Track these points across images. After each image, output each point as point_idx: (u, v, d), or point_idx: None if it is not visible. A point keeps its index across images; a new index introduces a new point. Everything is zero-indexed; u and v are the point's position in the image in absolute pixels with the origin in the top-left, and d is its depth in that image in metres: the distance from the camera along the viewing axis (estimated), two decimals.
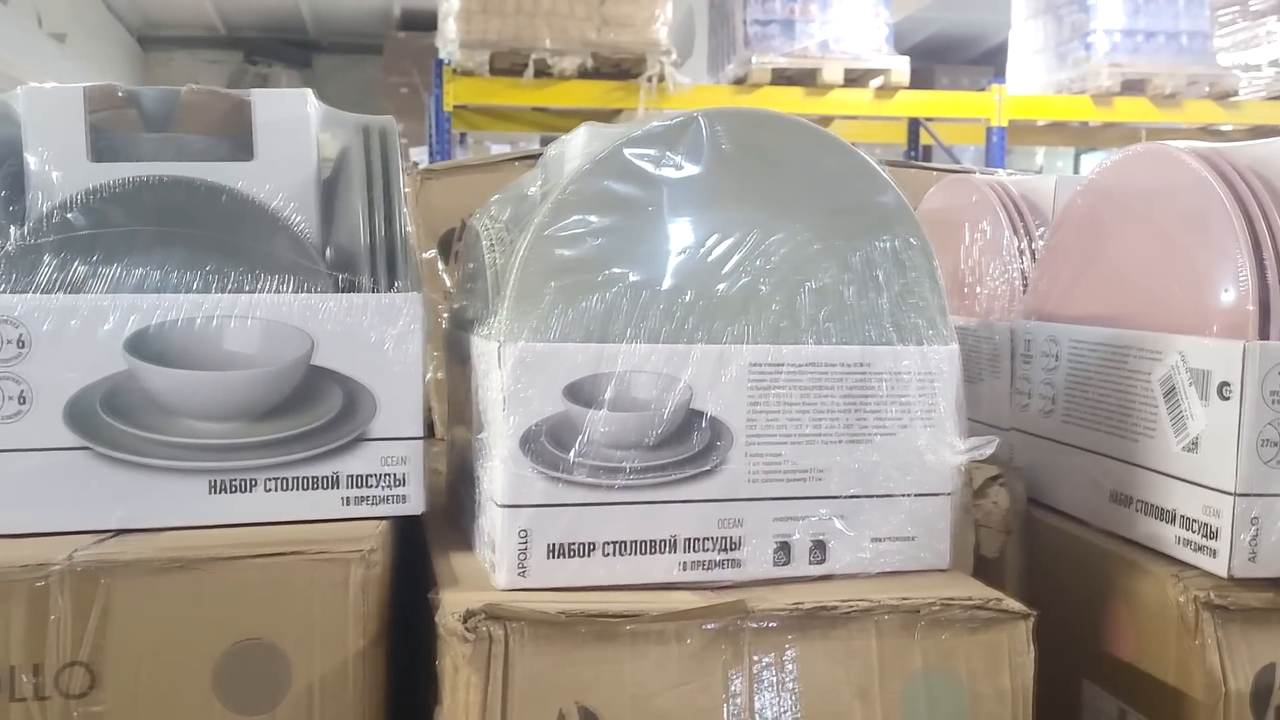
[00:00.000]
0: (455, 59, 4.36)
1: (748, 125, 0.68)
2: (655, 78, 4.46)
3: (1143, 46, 4.79)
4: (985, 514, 0.87)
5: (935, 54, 8.18)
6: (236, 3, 7.42)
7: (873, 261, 0.69)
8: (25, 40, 5.99)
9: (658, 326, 0.65)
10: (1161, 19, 4.79)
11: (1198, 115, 4.84)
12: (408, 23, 7.38)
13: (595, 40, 4.37)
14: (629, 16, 4.44)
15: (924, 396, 0.70)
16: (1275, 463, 0.67)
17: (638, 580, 0.65)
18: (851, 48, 4.68)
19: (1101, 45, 4.74)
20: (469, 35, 4.30)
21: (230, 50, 8.20)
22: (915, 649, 0.63)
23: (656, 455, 0.65)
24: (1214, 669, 0.67)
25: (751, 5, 4.71)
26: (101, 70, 7.12)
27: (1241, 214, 0.70)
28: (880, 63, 4.66)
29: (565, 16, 4.40)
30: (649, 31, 4.43)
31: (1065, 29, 4.99)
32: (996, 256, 0.99)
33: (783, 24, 4.75)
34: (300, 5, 7.43)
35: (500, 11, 4.33)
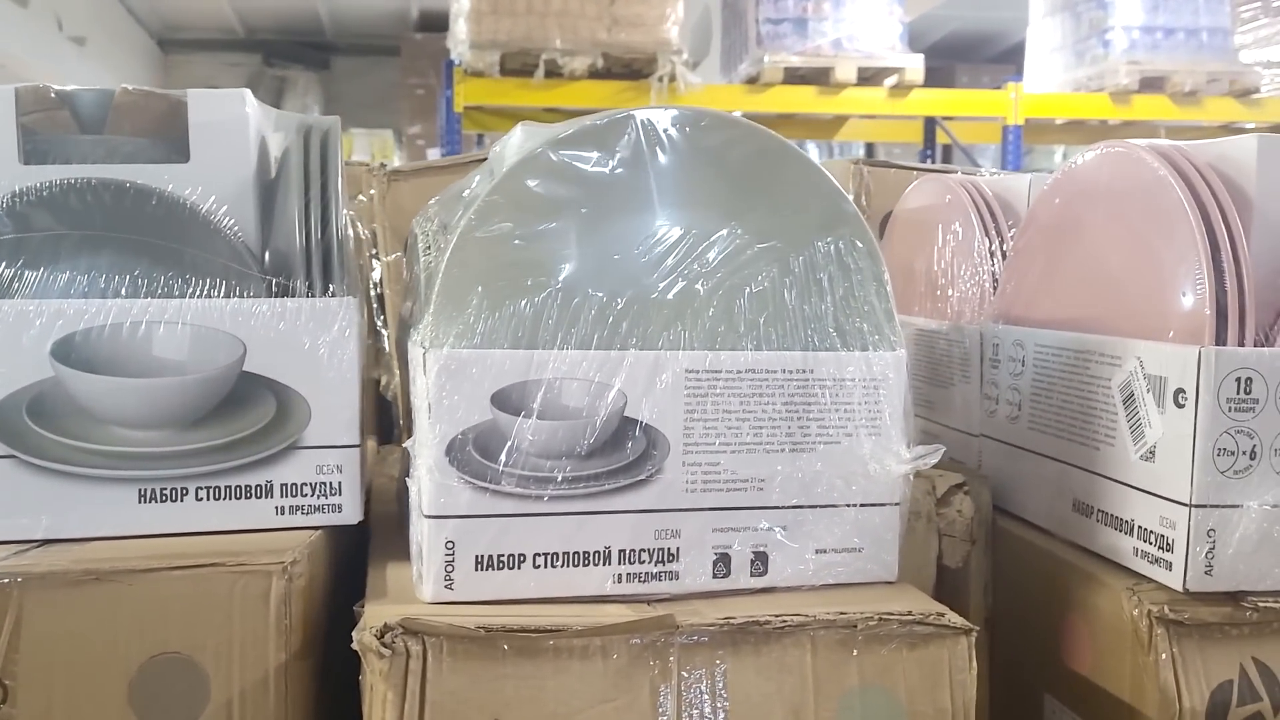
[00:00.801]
0: (465, 60, 4.36)
1: (684, 124, 0.66)
2: (666, 77, 4.44)
3: (1162, 44, 4.73)
4: (949, 523, 0.85)
5: (956, 52, 8.12)
6: (255, 5, 7.46)
7: (815, 265, 0.67)
8: (45, 44, 6.04)
9: (590, 332, 0.64)
10: (1181, 16, 4.74)
11: (1218, 113, 4.78)
12: (425, 24, 7.40)
13: (606, 40, 4.36)
14: (640, 16, 4.43)
15: (869, 404, 0.68)
16: (1233, 473, 0.65)
17: (570, 593, 0.64)
18: (865, 46, 4.65)
19: (1120, 42, 4.69)
20: (479, 36, 4.29)
21: (249, 53, 8.24)
22: (852, 665, 0.61)
23: (589, 464, 0.64)
24: (1168, 685, 0.65)
25: (764, 4, 4.69)
26: (121, 73, 7.17)
27: (1200, 215, 0.67)
28: (894, 61, 4.62)
29: (576, 16, 4.39)
30: (660, 31, 4.41)
31: (1083, 26, 4.93)
32: (968, 258, 0.97)
33: (795, 22, 4.73)
34: (319, 7, 7.46)
35: (510, 12, 4.33)
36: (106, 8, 6.98)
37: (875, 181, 1.18)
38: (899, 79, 4.65)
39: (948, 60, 8.10)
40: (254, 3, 7.39)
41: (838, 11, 4.67)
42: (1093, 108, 4.81)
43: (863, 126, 5.55)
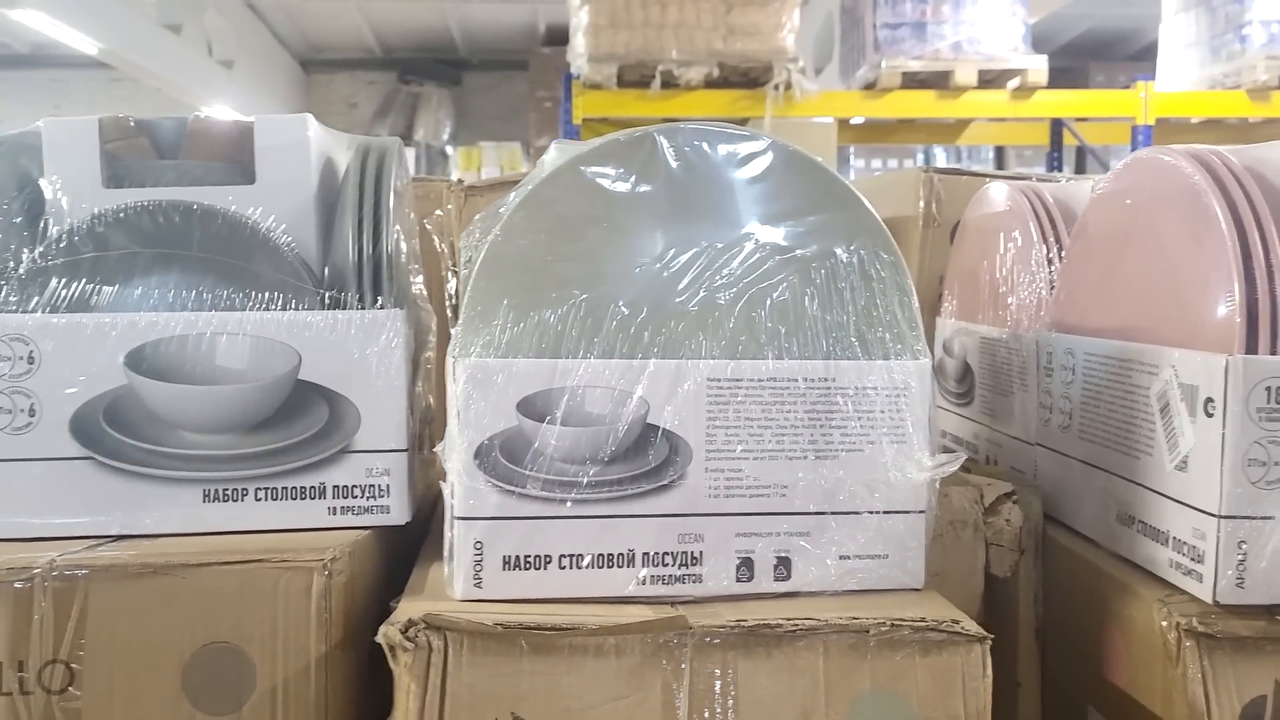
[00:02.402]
0: (584, 73, 4.44)
1: (705, 139, 0.68)
2: (782, 85, 4.44)
3: None
4: (996, 532, 0.84)
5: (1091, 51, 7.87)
6: (392, 25, 7.75)
7: (837, 275, 0.69)
8: (196, 68, 6.41)
9: (613, 341, 0.66)
10: None
11: None
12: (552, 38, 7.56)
13: (722, 50, 4.39)
14: (755, 25, 4.44)
15: (891, 412, 0.68)
16: (1265, 484, 0.64)
17: (596, 593, 0.67)
18: (986, 48, 4.55)
19: (1258, 37, 4.48)
20: (597, 49, 4.37)
21: (386, 70, 8.56)
22: (864, 670, 0.62)
23: (613, 470, 0.66)
24: (1197, 700, 0.64)
25: (881, 8, 4.65)
26: (267, 93, 7.55)
27: (1232, 221, 0.66)
28: (1016, 62, 4.52)
29: (692, 27, 4.42)
30: (775, 39, 4.41)
31: (1219, 21, 4.73)
32: (1026, 265, 0.96)
33: (913, 26, 4.67)
34: (451, 25, 7.70)
35: (628, 25, 4.39)
36: (253, 32, 7.35)
37: (946, 190, 1.18)
38: (1021, 81, 4.54)
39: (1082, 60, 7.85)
40: (390, 23, 7.68)
41: (957, 14, 4.59)
42: (1228, 105, 4.60)
43: (986, 130, 5.44)
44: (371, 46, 8.17)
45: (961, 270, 1.11)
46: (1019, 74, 4.50)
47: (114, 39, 5.26)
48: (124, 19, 5.36)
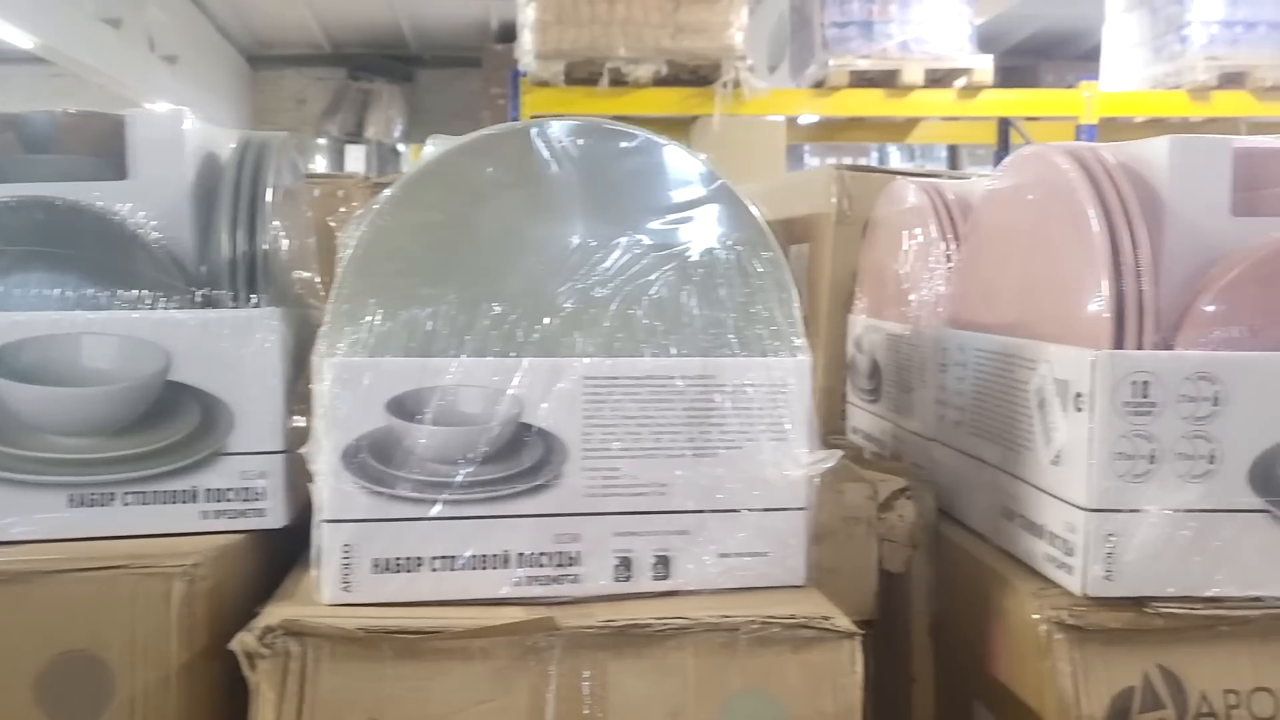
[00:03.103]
0: (532, 70, 4.42)
1: (581, 135, 0.68)
2: (731, 83, 4.45)
3: (1242, 38, 4.58)
4: (890, 528, 0.84)
5: (1041, 51, 7.95)
6: (341, 21, 7.67)
7: (715, 272, 0.68)
8: (138, 63, 6.30)
9: (486, 339, 0.65)
10: (1262, 8, 4.57)
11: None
12: (505, 35, 7.52)
13: (670, 47, 4.38)
14: (704, 23, 4.44)
15: (770, 410, 0.68)
16: (1132, 477, 0.64)
17: (470, 596, 0.66)
18: (933, 48, 4.59)
19: (1198, 38, 4.55)
20: (544, 46, 4.35)
21: (335, 67, 8.47)
22: (734, 668, 0.62)
23: (486, 470, 0.65)
24: (1066, 692, 0.64)
25: (829, 7, 4.67)
26: (212, 89, 7.45)
27: (1104, 218, 0.66)
28: (963, 62, 4.56)
29: (640, 24, 4.41)
30: (724, 37, 4.41)
31: (1160, 22, 4.80)
32: (926, 263, 0.96)
33: (861, 25, 4.69)
34: (402, 22, 7.64)
35: (575, 22, 4.38)
36: (196, 27, 7.25)
37: (857, 187, 1.18)
38: (968, 80, 4.59)
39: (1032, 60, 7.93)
40: (339, 18, 7.60)
41: (904, 13, 4.63)
42: (1169, 105, 4.67)
43: (935, 129, 5.48)
44: (320, 42, 8.09)
45: (871, 268, 1.12)
46: (965, 73, 4.55)
47: (51, 33, 5.17)
48: (61, 13, 5.27)
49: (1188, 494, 0.64)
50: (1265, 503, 0.64)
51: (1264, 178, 0.69)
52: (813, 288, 1.23)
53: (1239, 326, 0.64)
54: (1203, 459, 0.64)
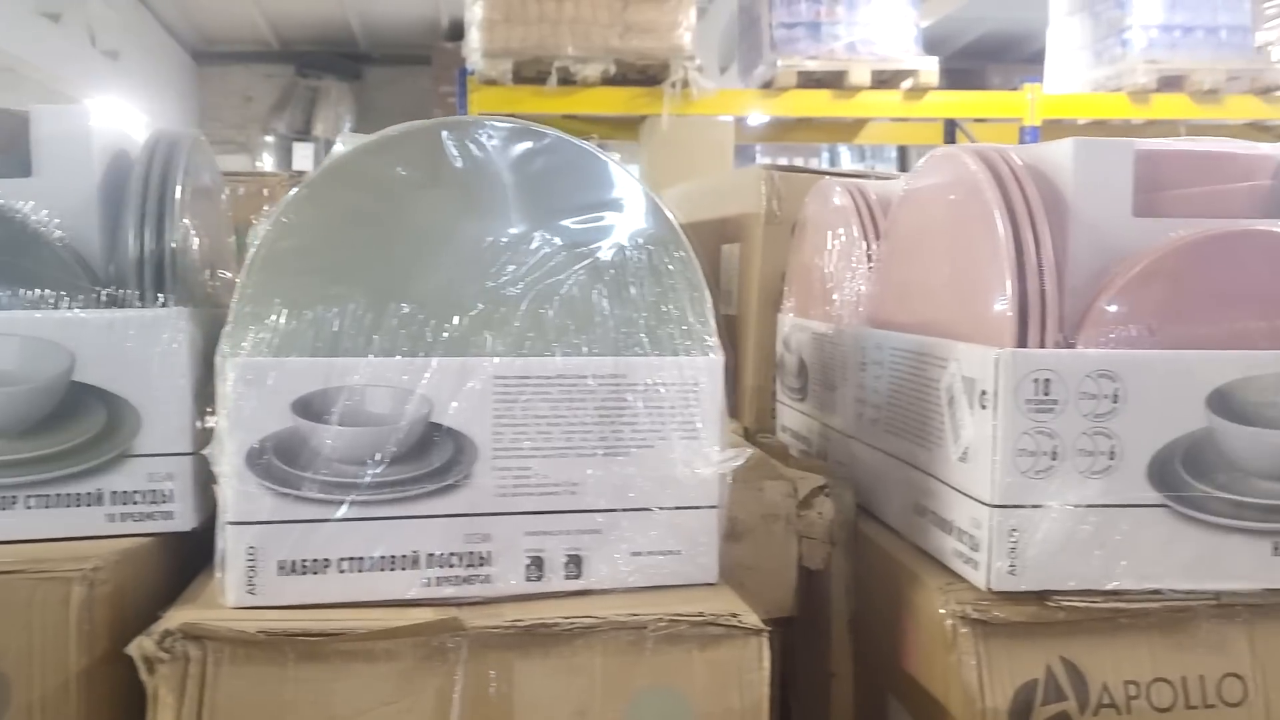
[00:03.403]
0: (479, 69, 4.40)
1: (491, 134, 0.68)
2: (679, 83, 4.45)
3: (1180, 42, 4.66)
4: (809, 525, 0.85)
5: (988, 53, 8.04)
6: (288, 17, 7.58)
7: (626, 271, 0.68)
8: (78, 58, 6.18)
9: (394, 339, 0.65)
10: (1200, 13, 4.66)
11: (1239, 111, 4.70)
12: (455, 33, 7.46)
13: (618, 47, 4.38)
14: (652, 22, 4.44)
15: (682, 408, 0.68)
16: (1034, 473, 0.65)
17: (378, 597, 0.65)
18: (880, 49, 4.62)
19: (1138, 41, 4.63)
20: (492, 44, 4.33)
21: (283, 64, 8.37)
22: (641, 667, 0.62)
23: (395, 470, 0.65)
24: (971, 685, 0.65)
25: (777, 8, 4.69)
26: (157, 85, 7.33)
27: (1008, 217, 0.67)
28: (909, 63, 4.59)
29: (588, 24, 4.41)
30: (672, 37, 4.42)
31: (1102, 26, 4.88)
32: (848, 263, 0.97)
33: (808, 26, 4.72)
34: (351, 19, 7.56)
35: (523, 20, 4.36)
36: (139, 21, 7.12)
37: (786, 187, 1.19)
38: (914, 81, 4.63)
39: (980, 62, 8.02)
40: (287, 15, 7.51)
41: (851, 15, 4.66)
42: (1111, 108, 4.75)
43: (883, 130, 5.53)
44: (267, 39, 7.99)
45: (798, 267, 1.12)
46: (911, 75, 4.59)
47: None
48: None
49: (1089, 489, 0.65)
50: (1163, 497, 0.66)
51: (1165, 179, 0.70)
52: (743, 287, 1.24)
53: (1138, 325, 0.66)
54: (1103, 455, 0.65)
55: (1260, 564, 0.66)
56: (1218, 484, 0.65)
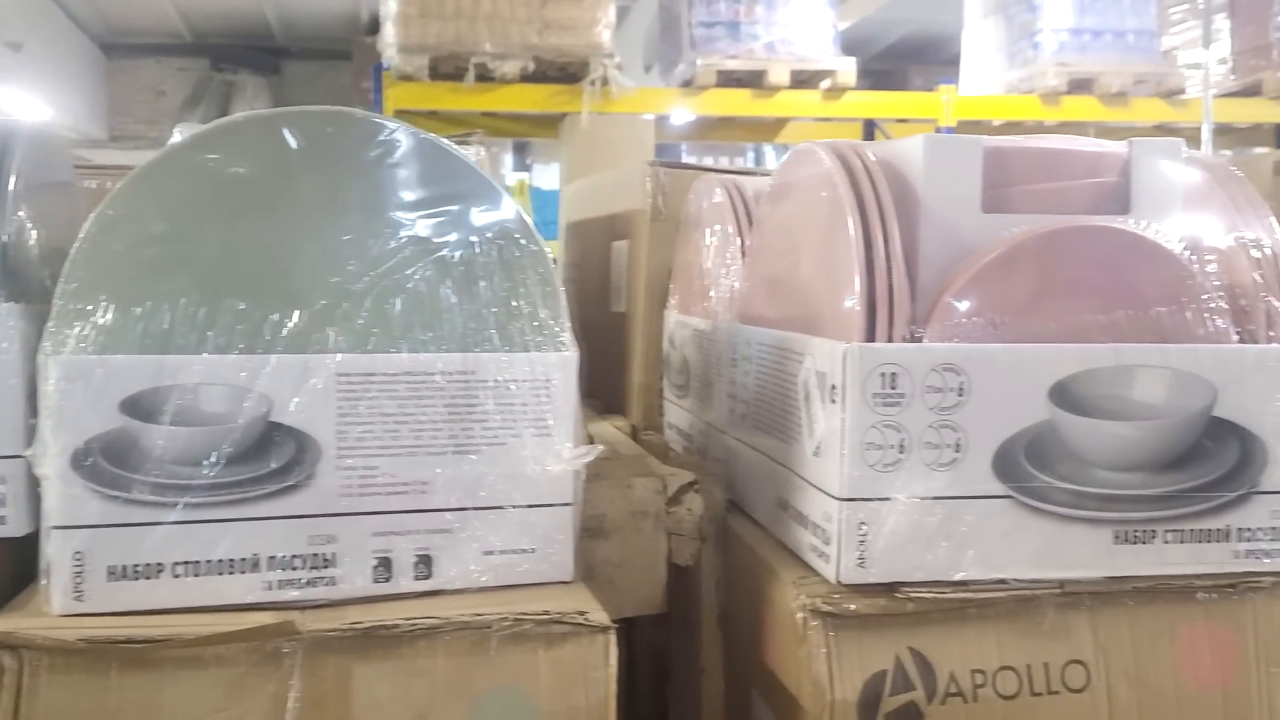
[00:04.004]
0: (395, 64, 4.34)
1: (335, 124, 0.66)
2: (599, 81, 4.44)
3: (1090, 45, 4.77)
4: (678, 521, 0.85)
5: (909, 55, 8.16)
6: (201, 9, 7.40)
7: (475, 266, 0.67)
8: None
9: (230, 336, 0.63)
10: (1108, 17, 4.78)
11: (1146, 113, 4.83)
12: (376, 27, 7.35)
13: (537, 43, 4.35)
14: (571, 20, 4.42)
15: (534, 405, 0.67)
16: (882, 466, 0.66)
17: (216, 602, 0.63)
18: (798, 49, 4.66)
19: (1049, 44, 4.72)
20: (407, 40, 4.28)
21: (197, 57, 8.18)
22: (486, 667, 0.61)
23: (233, 471, 0.63)
24: (821, 677, 0.65)
25: (697, 7, 4.70)
26: (64, 77, 7.11)
27: (858, 213, 0.68)
28: (828, 64, 4.64)
29: (506, 20, 4.37)
30: (591, 34, 4.40)
31: (1014, 29, 4.97)
32: (723, 260, 0.97)
33: (728, 26, 4.74)
34: (266, 12, 7.42)
35: (439, 15, 4.31)
36: (43, 11, 6.90)
37: (672, 184, 1.18)
38: (832, 82, 4.67)
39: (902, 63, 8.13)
40: (200, 7, 7.34)
41: (770, 15, 4.68)
42: (1023, 109, 4.84)
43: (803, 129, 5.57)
44: (180, 31, 7.80)
45: (682, 264, 1.12)
46: (830, 75, 4.63)
47: None
48: None
49: (935, 482, 0.66)
50: (1008, 489, 0.66)
51: (1013, 176, 0.71)
52: (631, 284, 1.24)
53: (983, 320, 0.66)
54: (949, 448, 0.66)
55: (1101, 552, 0.67)
56: (1060, 474, 0.66)
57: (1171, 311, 0.68)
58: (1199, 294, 0.68)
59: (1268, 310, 0.69)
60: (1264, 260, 0.70)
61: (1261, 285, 0.69)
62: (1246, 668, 0.69)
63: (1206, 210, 0.71)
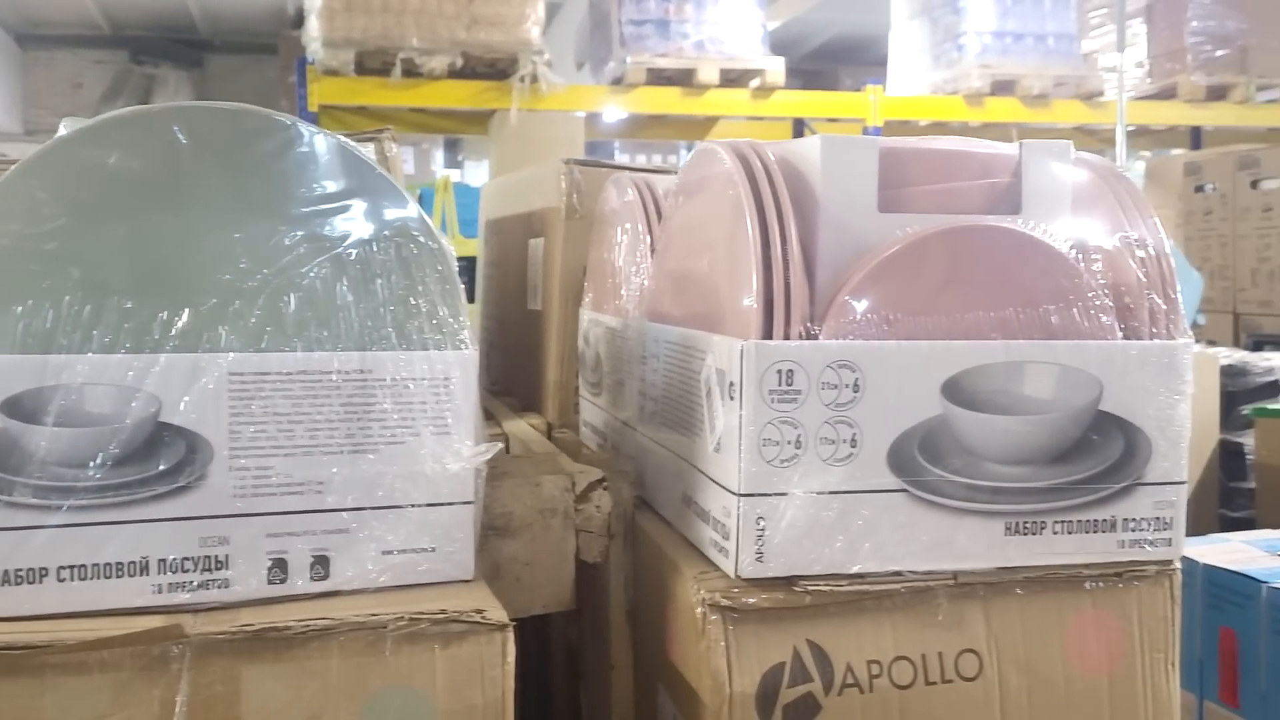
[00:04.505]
0: (320, 58, 4.28)
1: (227, 121, 0.65)
2: (528, 77, 4.42)
3: (1012, 48, 4.86)
4: (586, 518, 0.85)
5: (839, 55, 8.25)
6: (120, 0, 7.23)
7: (372, 264, 0.67)
8: None
9: (118, 335, 0.62)
10: (1029, 21, 4.87)
11: (1066, 115, 4.94)
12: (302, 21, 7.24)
13: (465, 39, 4.32)
14: (499, 16, 4.40)
15: (433, 404, 0.67)
16: (779, 462, 0.66)
17: (104, 606, 0.62)
18: (728, 48, 4.69)
19: (973, 47, 4.81)
20: (332, 34, 4.23)
21: (116, 49, 7.99)
22: (381, 667, 0.61)
23: (120, 472, 0.62)
24: (720, 671, 0.66)
25: (626, 5, 4.71)
26: None
27: (756, 211, 0.68)
28: (757, 63, 4.68)
29: (434, 15, 4.34)
30: (520, 31, 4.39)
31: (939, 31, 5.05)
32: (634, 258, 0.97)
33: (657, 24, 4.75)
34: (189, 3, 7.26)
35: (365, 9, 4.26)
36: None
37: (587, 182, 1.18)
38: (761, 81, 4.71)
39: (832, 64, 8.22)
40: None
41: (700, 14, 4.71)
42: (948, 110, 4.92)
43: (734, 128, 5.61)
44: (98, 22, 7.60)
45: (596, 262, 1.12)
46: (759, 74, 4.67)
47: None
48: None
49: (831, 477, 0.67)
50: (902, 482, 0.68)
51: (909, 176, 0.72)
52: (547, 282, 1.23)
53: (877, 317, 0.67)
54: (845, 443, 0.67)
55: (993, 543, 0.69)
56: (953, 468, 0.68)
57: (1059, 309, 0.69)
58: (1086, 292, 0.70)
59: (1151, 308, 0.71)
60: (1148, 259, 0.72)
61: (1145, 283, 0.71)
62: (1132, 654, 0.71)
63: (1094, 210, 0.73)
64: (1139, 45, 5.11)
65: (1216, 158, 2.77)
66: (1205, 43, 4.91)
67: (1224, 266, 2.69)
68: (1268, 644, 0.98)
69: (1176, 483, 0.72)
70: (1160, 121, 5.14)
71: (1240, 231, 2.63)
